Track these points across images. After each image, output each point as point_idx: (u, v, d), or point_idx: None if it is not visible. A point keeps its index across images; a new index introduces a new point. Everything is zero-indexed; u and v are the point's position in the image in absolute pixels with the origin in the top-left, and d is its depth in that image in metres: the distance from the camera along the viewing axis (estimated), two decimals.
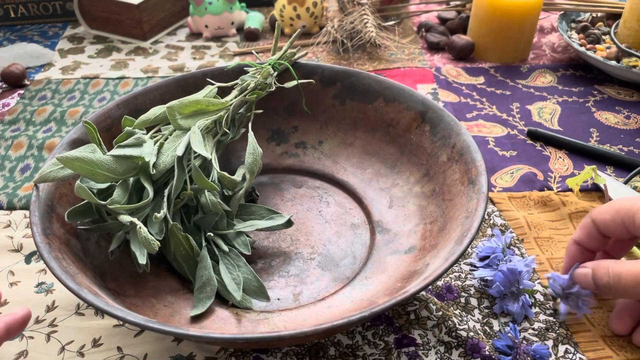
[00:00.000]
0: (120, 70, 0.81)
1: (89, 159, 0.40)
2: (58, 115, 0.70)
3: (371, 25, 0.80)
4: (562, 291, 0.42)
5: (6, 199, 0.57)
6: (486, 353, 0.41)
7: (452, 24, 0.87)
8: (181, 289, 0.45)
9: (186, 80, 0.56)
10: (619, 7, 0.81)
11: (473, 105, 0.71)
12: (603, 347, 0.42)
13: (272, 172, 0.57)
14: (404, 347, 0.42)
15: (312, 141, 0.58)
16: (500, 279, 0.44)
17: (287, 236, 0.50)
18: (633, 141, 0.63)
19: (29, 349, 0.43)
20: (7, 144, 0.65)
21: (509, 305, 0.44)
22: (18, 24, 0.94)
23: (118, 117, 0.51)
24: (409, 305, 0.45)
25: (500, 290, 0.44)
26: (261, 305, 0.44)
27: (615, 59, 0.73)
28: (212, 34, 0.89)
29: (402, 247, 0.47)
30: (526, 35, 0.79)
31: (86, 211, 0.43)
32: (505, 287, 0.44)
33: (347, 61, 0.81)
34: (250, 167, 0.47)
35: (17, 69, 0.76)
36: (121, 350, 0.42)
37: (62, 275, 0.36)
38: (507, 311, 0.44)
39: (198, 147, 0.43)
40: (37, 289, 0.48)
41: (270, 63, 0.54)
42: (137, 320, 0.34)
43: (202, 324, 0.41)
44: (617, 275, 0.38)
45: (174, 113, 0.44)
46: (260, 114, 0.53)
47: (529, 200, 0.55)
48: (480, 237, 0.51)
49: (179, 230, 0.42)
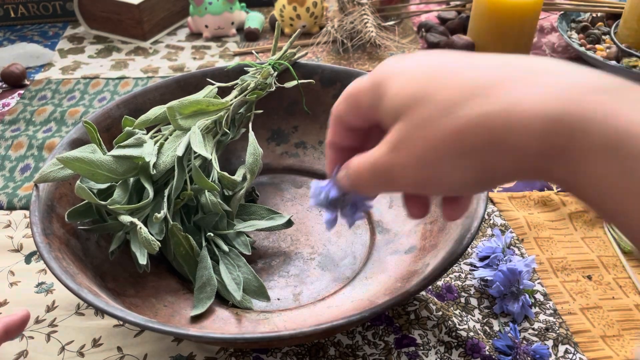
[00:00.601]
0: (120, 70, 0.81)
1: (89, 159, 0.40)
2: (58, 115, 0.70)
3: (371, 25, 0.80)
4: (326, 200, 0.35)
5: (6, 199, 0.57)
6: (486, 353, 0.41)
7: (452, 24, 0.87)
8: (181, 289, 0.45)
9: (186, 80, 0.56)
10: (619, 7, 0.81)
11: None
12: (603, 347, 0.42)
13: (272, 172, 0.57)
14: (404, 347, 0.42)
15: (312, 141, 0.58)
16: (500, 279, 0.44)
17: (287, 236, 0.50)
18: None
19: (29, 349, 0.43)
20: (7, 144, 0.65)
21: (509, 305, 0.44)
22: (18, 24, 0.94)
23: (118, 117, 0.51)
24: (409, 305, 0.45)
25: (500, 290, 0.44)
26: (261, 305, 0.44)
27: (615, 59, 0.73)
28: (212, 34, 0.89)
29: (402, 247, 0.47)
30: (526, 35, 0.79)
31: (86, 211, 0.43)
32: (505, 287, 0.44)
33: (347, 61, 0.81)
34: (251, 167, 0.47)
35: (17, 69, 0.76)
36: (121, 350, 0.42)
37: (62, 275, 0.36)
38: (507, 311, 0.44)
39: (198, 147, 0.43)
40: (37, 289, 0.48)
41: (270, 63, 0.54)
42: (137, 320, 0.34)
43: (202, 324, 0.41)
44: (356, 172, 0.31)
45: (174, 113, 0.44)
46: (260, 114, 0.53)
47: (529, 200, 0.55)
48: (480, 237, 0.51)
49: (179, 231, 0.42)
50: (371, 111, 0.30)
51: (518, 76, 0.25)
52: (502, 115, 0.24)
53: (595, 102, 0.22)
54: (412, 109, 0.27)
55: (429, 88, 0.27)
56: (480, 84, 0.25)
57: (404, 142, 0.28)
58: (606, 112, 0.21)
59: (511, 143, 0.24)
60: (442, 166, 0.27)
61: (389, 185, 0.30)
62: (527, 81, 0.24)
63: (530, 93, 0.24)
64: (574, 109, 0.22)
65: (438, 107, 0.26)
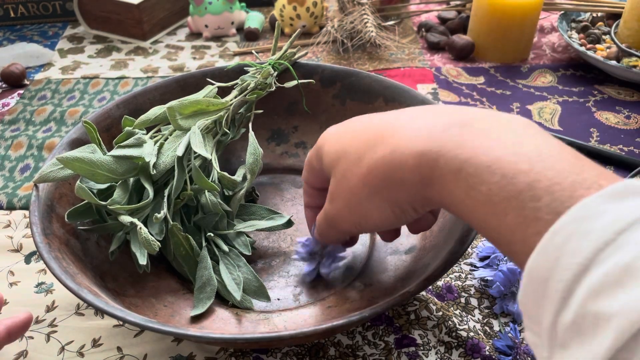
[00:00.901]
0: (120, 70, 0.81)
1: (89, 160, 0.40)
2: (58, 115, 0.70)
3: (371, 25, 0.80)
4: (307, 254, 0.44)
5: (6, 199, 0.57)
6: (486, 353, 0.41)
7: (452, 24, 0.87)
8: (181, 289, 0.45)
9: (186, 80, 0.56)
10: (619, 7, 0.81)
11: (473, 105, 0.71)
12: None
13: (272, 172, 0.57)
14: (404, 347, 0.42)
15: (312, 141, 0.58)
16: (500, 279, 0.44)
17: (287, 236, 0.50)
18: (633, 141, 0.63)
19: (29, 349, 0.43)
20: (7, 144, 0.65)
21: (509, 305, 0.44)
22: (18, 24, 0.94)
23: (118, 117, 0.51)
24: (409, 305, 0.45)
25: (500, 290, 0.44)
26: (261, 305, 0.44)
27: (616, 58, 0.73)
28: (212, 33, 0.89)
29: (402, 247, 0.47)
30: (526, 35, 0.79)
31: (86, 211, 0.43)
32: (505, 287, 0.44)
33: (347, 61, 0.81)
34: (251, 167, 0.47)
35: (17, 69, 0.76)
36: (121, 350, 0.42)
37: (62, 275, 0.36)
38: (507, 311, 0.44)
39: (198, 148, 0.43)
40: (37, 289, 0.48)
41: (270, 63, 0.54)
42: (137, 320, 0.34)
43: (202, 324, 0.41)
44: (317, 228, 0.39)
45: (174, 113, 0.44)
46: (260, 114, 0.53)
47: None
48: (480, 237, 0.51)
49: (179, 231, 0.42)
50: (320, 172, 0.37)
51: (403, 124, 0.31)
52: (391, 156, 0.30)
53: (449, 137, 0.28)
54: (337, 164, 0.34)
55: (346, 146, 0.33)
56: (379, 134, 0.32)
57: (335, 194, 0.35)
58: (456, 144, 0.27)
59: (399, 177, 0.30)
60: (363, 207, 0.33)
61: (336, 229, 0.37)
62: (407, 127, 0.30)
63: (406, 136, 0.30)
64: (433, 145, 0.28)
65: (352, 159, 0.32)
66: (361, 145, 0.32)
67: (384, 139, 0.31)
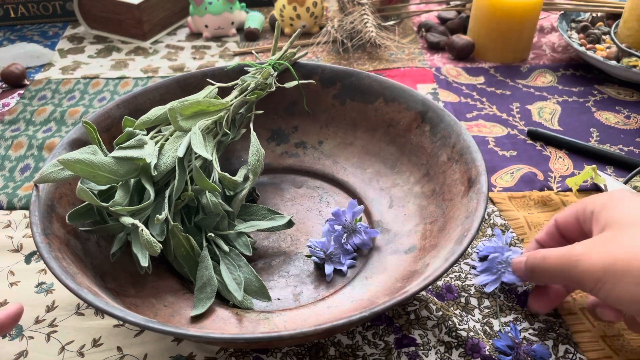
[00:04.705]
0: (120, 70, 0.81)
1: (90, 161, 0.40)
2: (58, 115, 0.70)
3: (371, 25, 0.80)
4: (324, 254, 0.47)
5: (6, 199, 0.57)
6: (486, 353, 0.41)
7: (452, 24, 0.87)
8: (181, 289, 0.45)
9: (186, 80, 0.56)
10: (619, 7, 0.81)
11: (473, 105, 0.71)
12: (603, 347, 0.42)
13: (272, 172, 0.57)
14: (404, 347, 0.42)
15: (312, 141, 0.58)
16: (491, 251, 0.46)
17: (287, 236, 0.50)
18: (633, 141, 0.63)
19: (29, 349, 0.43)
20: (7, 144, 0.65)
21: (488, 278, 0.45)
22: (18, 24, 0.94)
23: (118, 117, 0.51)
24: (409, 305, 0.45)
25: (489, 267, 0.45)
26: (261, 305, 0.44)
27: (615, 58, 0.73)
28: (212, 34, 0.89)
29: (402, 247, 0.47)
30: (526, 35, 0.79)
31: (87, 213, 0.43)
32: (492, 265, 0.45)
33: (347, 61, 0.81)
34: (253, 167, 0.47)
35: (17, 69, 0.76)
36: (121, 350, 0.42)
37: (62, 275, 0.36)
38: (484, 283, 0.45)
39: (199, 148, 0.43)
40: (37, 289, 0.48)
41: (270, 63, 0.54)
42: (137, 320, 0.34)
43: (202, 324, 0.41)
44: (543, 257, 0.39)
45: (175, 114, 0.44)
46: (260, 114, 0.53)
47: (529, 200, 0.55)
48: (480, 237, 0.51)
49: (180, 231, 0.42)
50: (581, 225, 0.40)
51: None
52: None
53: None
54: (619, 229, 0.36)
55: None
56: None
57: (596, 247, 0.36)
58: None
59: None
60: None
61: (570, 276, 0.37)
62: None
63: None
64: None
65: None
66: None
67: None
